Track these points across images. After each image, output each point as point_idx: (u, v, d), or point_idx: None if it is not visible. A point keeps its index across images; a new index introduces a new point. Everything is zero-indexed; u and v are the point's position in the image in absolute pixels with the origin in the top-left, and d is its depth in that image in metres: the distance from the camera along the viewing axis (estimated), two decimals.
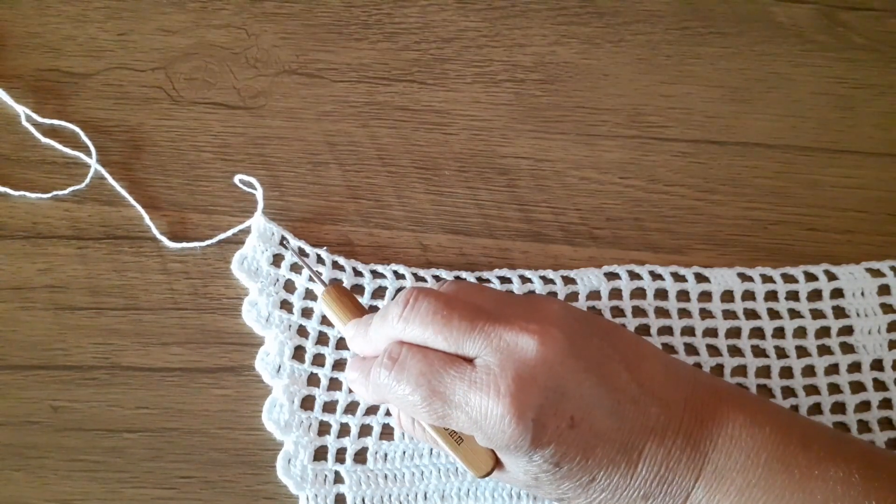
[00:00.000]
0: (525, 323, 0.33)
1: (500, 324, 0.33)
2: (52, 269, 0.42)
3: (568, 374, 0.33)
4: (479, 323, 0.33)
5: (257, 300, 0.42)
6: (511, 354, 0.33)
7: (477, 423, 0.33)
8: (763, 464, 0.33)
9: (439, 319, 0.33)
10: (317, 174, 0.45)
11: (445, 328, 0.33)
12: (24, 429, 0.39)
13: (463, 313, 0.34)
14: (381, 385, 0.34)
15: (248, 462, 0.40)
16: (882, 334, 0.45)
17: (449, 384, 0.33)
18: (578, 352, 0.33)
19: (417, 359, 0.34)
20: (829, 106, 0.50)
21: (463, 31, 0.49)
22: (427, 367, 0.33)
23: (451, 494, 0.40)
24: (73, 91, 0.45)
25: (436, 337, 0.33)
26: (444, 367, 0.33)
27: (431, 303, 0.34)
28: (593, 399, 0.33)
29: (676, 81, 0.49)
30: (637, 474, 0.34)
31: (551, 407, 0.32)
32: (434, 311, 0.34)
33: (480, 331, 0.33)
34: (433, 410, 0.33)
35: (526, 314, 0.34)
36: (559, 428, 0.32)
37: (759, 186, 0.47)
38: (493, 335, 0.33)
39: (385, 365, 0.34)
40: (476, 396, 0.32)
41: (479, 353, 0.33)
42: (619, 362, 0.34)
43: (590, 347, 0.34)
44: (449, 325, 0.33)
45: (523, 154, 0.47)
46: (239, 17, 0.48)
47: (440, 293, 0.34)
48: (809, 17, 0.51)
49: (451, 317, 0.33)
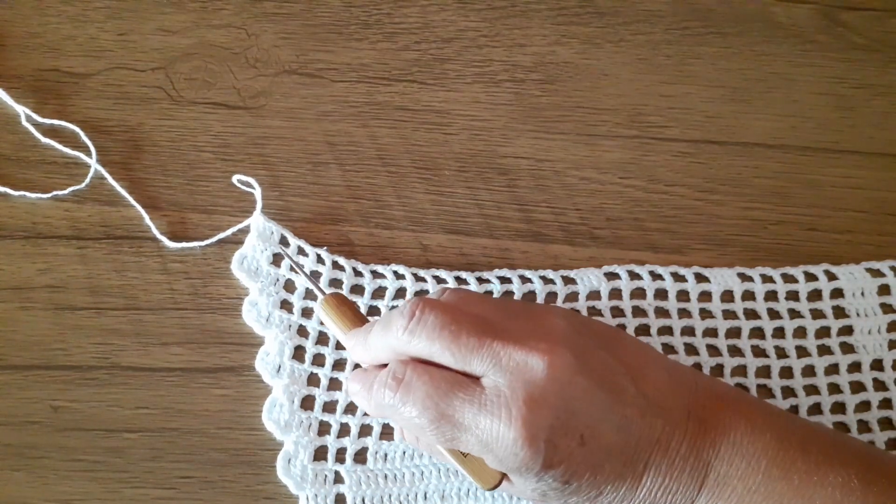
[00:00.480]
0: (533, 341, 0.33)
1: (509, 342, 0.33)
2: (52, 269, 0.42)
3: (577, 392, 0.32)
4: (487, 340, 0.33)
5: (257, 300, 0.42)
6: (521, 375, 0.32)
7: (487, 447, 0.32)
8: (763, 470, 0.34)
9: (447, 335, 0.33)
10: (317, 174, 0.45)
11: (453, 344, 0.33)
12: (24, 429, 0.39)
13: (471, 329, 0.33)
14: (386, 406, 0.34)
15: (248, 462, 0.40)
16: (882, 334, 0.45)
17: (458, 407, 0.32)
18: (586, 368, 0.33)
19: (424, 380, 0.33)
20: (829, 106, 0.50)
21: (463, 31, 0.49)
22: (434, 390, 0.32)
23: (451, 494, 0.40)
24: (73, 91, 0.45)
25: (443, 353, 0.33)
26: (453, 389, 0.32)
27: (439, 317, 0.33)
28: (601, 416, 0.33)
29: (676, 81, 0.49)
30: (642, 486, 0.33)
31: (562, 427, 0.32)
32: (442, 325, 0.33)
33: (489, 349, 0.32)
34: (441, 433, 0.33)
35: (532, 330, 0.34)
36: (569, 447, 0.32)
37: (759, 186, 0.47)
38: (503, 354, 0.32)
39: (390, 386, 0.33)
40: (486, 420, 0.32)
41: (487, 372, 0.33)
42: (624, 375, 0.34)
43: (596, 363, 0.34)
44: (457, 342, 0.33)
45: (523, 154, 0.47)
46: (239, 17, 0.48)
47: (447, 306, 0.34)
48: (809, 17, 0.51)
49: (459, 332, 0.33)
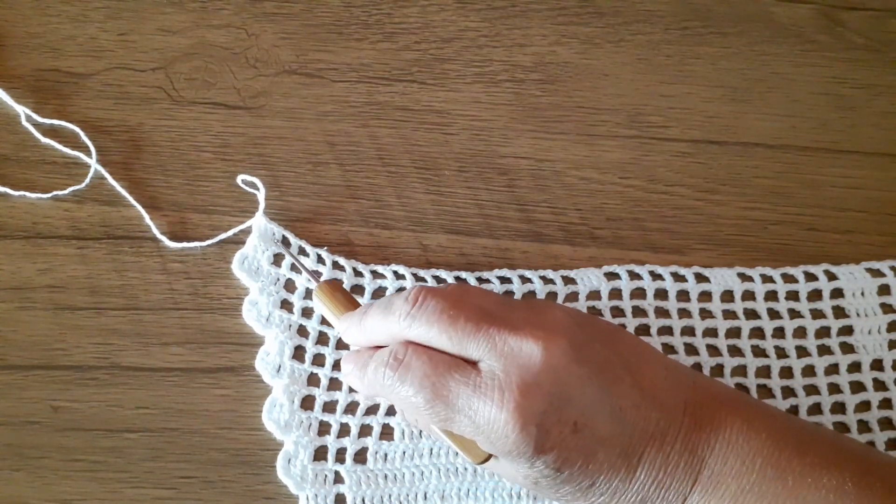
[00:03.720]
0: (530, 328, 0.33)
1: (506, 328, 0.33)
2: (52, 269, 0.42)
3: (572, 379, 0.33)
4: (484, 325, 0.33)
5: (258, 300, 0.42)
6: (515, 360, 0.33)
7: (480, 429, 0.33)
8: (757, 470, 0.33)
9: (445, 319, 0.33)
10: (317, 174, 0.45)
11: (451, 328, 0.33)
12: (24, 429, 0.39)
13: (469, 315, 0.34)
14: (384, 385, 0.34)
15: (248, 462, 0.40)
16: (882, 334, 0.45)
17: (453, 388, 0.33)
18: (582, 357, 0.33)
19: (422, 360, 0.34)
20: (829, 106, 0.50)
21: (463, 31, 0.49)
22: (432, 370, 0.33)
23: (451, 494, 0.40)
24: (73, 91, 0.45)
25: (440, 336, 0.33)
26: (449, 370, 0.33)
27: (439, 302, 0.34)
28: (596, 405, 0.33)
29: (676, 81, 0.49)
30: (636, 479, 0.34)
31: (555, 413, 0.32)
32: (441, 310, 0.34)
33: (486, 333, 0.33)
34: (436, 413, 0.33)
35: (530, 319, 0.34)
36: (562, 434, 0.32)
37: (759, 186, 0.47)
38: (499, 339, 0.33)
39: (390, 365, 0.34)
40: (480, 402, 0.32)
41: (483, 357, 0.33)
42: (621, 367, 0.34)
43: (593, 353, 0.34)
44: (454, 325, 0.33)
45: (523, 154, 0.47)
46: (239, 17, 0.48)
47: (448, 293, 0.35)
48: (809, 17, 0.51)
49: (457, 317, 0.33)
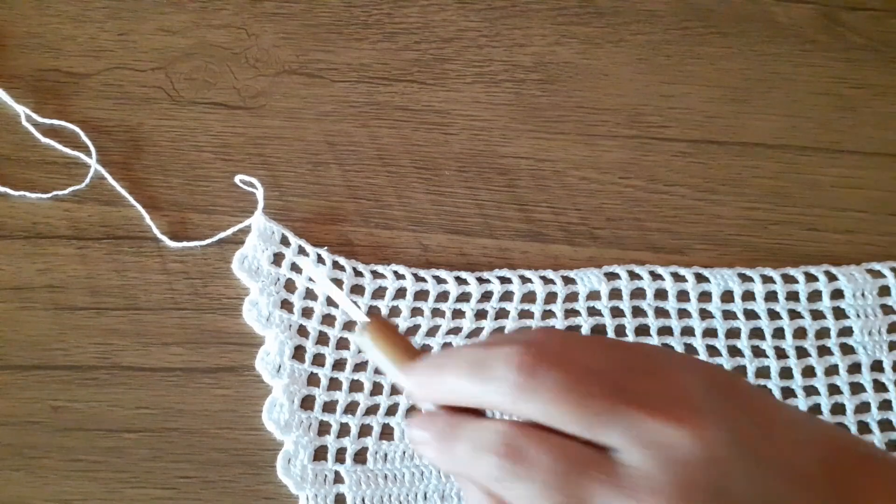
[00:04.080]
0: (665, 406, 0.27)
1: (643, 408, 0.27)
2: (52, 269, 0.42)
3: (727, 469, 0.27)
4: (619, 405, 0.27)
5: (258, 299, 0.42)
6: (662, 451, 0.27)
7: None
8: None
9: (573, 400, 0.27)
10: (317, 174, 0.45)
11: (579, 410, 0.27)
12: (24, 429, 0.39)
13: (598, 392, 0.27)
14: (489, 476, 0.28)
15: (248, 462, 0.40)
16: (882, 335, 0.45)
17: (588, 488, 0.27)
18: (731, 438, 0.28)
19: (544, 450, 0.27)
20: (829, 106, 0.49)
21: (463, 31, 0.49)
22: (563, 467, 0.27)
23: (451, 494, 0.40)
24: (73, 91, 0.45)
25: (564, 418, 0.27)
26: (585, 467, 0.27)
27: (561, 377, 0.27)
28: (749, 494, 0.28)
29: (676, 81, 0.49)
30: None
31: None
32: (566, 387, 0.27)
33: (624, 416, 0.27)
34: None
35: (663, 392, 0.28)
36: None
37: (759, 186, 0.47)
38: (640, 424, 0.27)
39: (501, 454, 0.28)
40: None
41: (621, 447, 0.27)
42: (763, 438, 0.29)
43: (740, 429, 0.28)
44: (584, 408, 0.27)
45: (523, 154, 0.47)
46: (239, 17, 0.48)
47: (562, 359, 0.28)
48: (809, 17, 0.51)
49: (586, 396, 0.27)
